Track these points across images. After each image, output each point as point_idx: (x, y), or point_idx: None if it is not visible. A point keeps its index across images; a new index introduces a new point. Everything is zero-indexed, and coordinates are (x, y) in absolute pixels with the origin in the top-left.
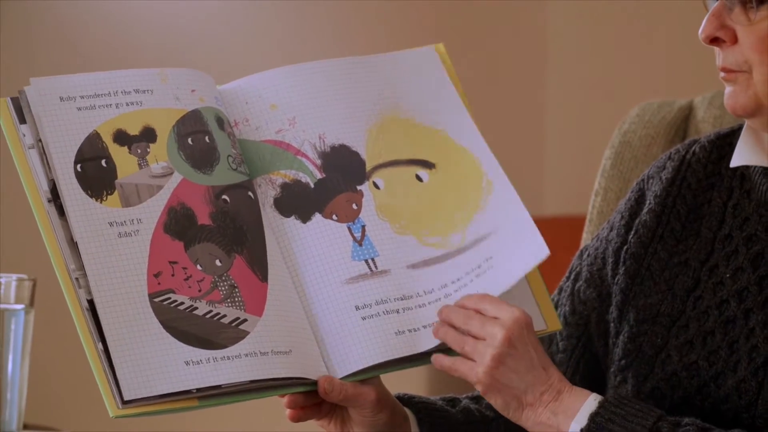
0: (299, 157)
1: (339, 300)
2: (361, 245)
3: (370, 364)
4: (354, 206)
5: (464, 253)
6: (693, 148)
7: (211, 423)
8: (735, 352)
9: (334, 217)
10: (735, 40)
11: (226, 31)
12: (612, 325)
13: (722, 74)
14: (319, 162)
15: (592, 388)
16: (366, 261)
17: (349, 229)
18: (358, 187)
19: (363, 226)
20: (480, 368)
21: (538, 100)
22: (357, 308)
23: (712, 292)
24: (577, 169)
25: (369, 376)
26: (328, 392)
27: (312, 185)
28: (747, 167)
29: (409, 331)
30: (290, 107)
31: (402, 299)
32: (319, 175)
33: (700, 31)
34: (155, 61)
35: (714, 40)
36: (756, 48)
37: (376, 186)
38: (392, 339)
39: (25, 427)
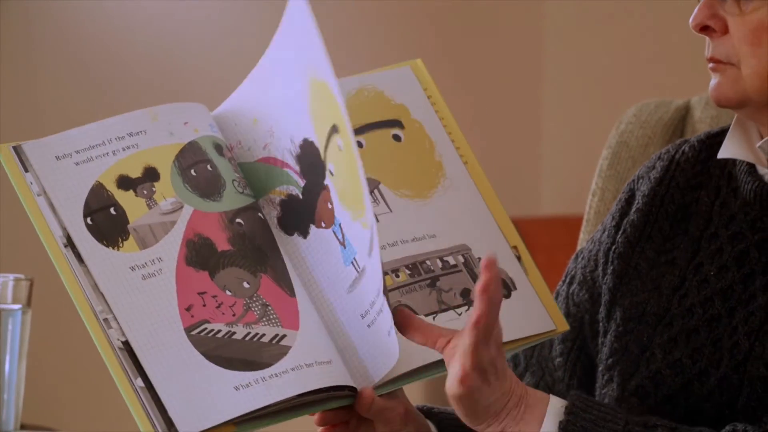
0: (285, 169)
1: (348, 312)
2: (345, 247)
3: (387, 371)
4: (329, 205)
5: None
6: (683, 147)
7: None
8: (718, 350)
9: (322, 224)
10: (726, 30)
11: (226, 31)
12: (601, 324)
13: (710, 65)
14: (298, 168)
15: (589, 391)
16: (352, 262)
17: (334, 233)
18: (325, 182)
19: (340, 224)
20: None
21: (535, 101)
22: (362, 316)
23: (696, 289)
24: (574, 169)
25: (392, 388)
26: (370, 402)
27: (301, 196)
28: (734, 165)
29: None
30: (266, 117)
31: (378, 294)
32: (302, 183)
33: (691, 18)
34: (155, 62)
35: (704, 29)
36: (746, 40)
37: (331, 173)
38: (386, 340)
39: (23, 427)
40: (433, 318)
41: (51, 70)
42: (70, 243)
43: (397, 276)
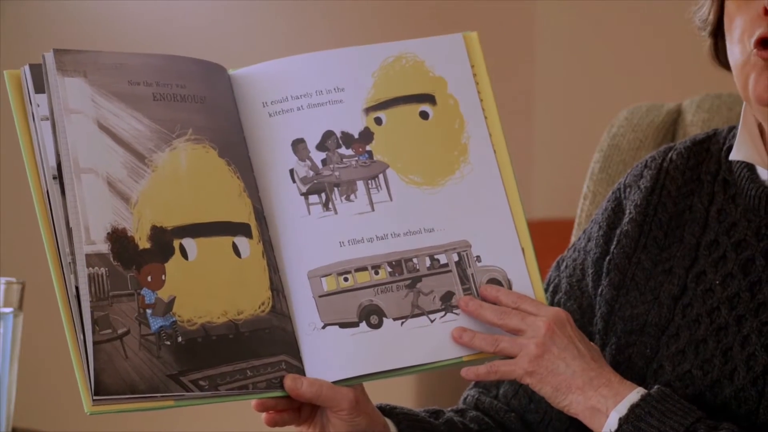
0: None
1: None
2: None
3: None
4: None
5: None
6: (669, 155)
7: (200, 424)
8: (730, 360)
9: None
10: None
11: (227, 33)
12: (597, 336)
13: (754, 50)
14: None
15: None
16: None
17: None
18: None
19: None
20: (524, 360)
21: (527, 103)
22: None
23: (701, 299)
24: (565, 172)
25: (356, 382)
26: (295, 390)
27: None
28: (729, 172)
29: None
30: None
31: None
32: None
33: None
34: None
35: None
36: None
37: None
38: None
39: (14, 430)
40: (402, 323)
41: None
42: (59, 173)
43: (377, 273)
